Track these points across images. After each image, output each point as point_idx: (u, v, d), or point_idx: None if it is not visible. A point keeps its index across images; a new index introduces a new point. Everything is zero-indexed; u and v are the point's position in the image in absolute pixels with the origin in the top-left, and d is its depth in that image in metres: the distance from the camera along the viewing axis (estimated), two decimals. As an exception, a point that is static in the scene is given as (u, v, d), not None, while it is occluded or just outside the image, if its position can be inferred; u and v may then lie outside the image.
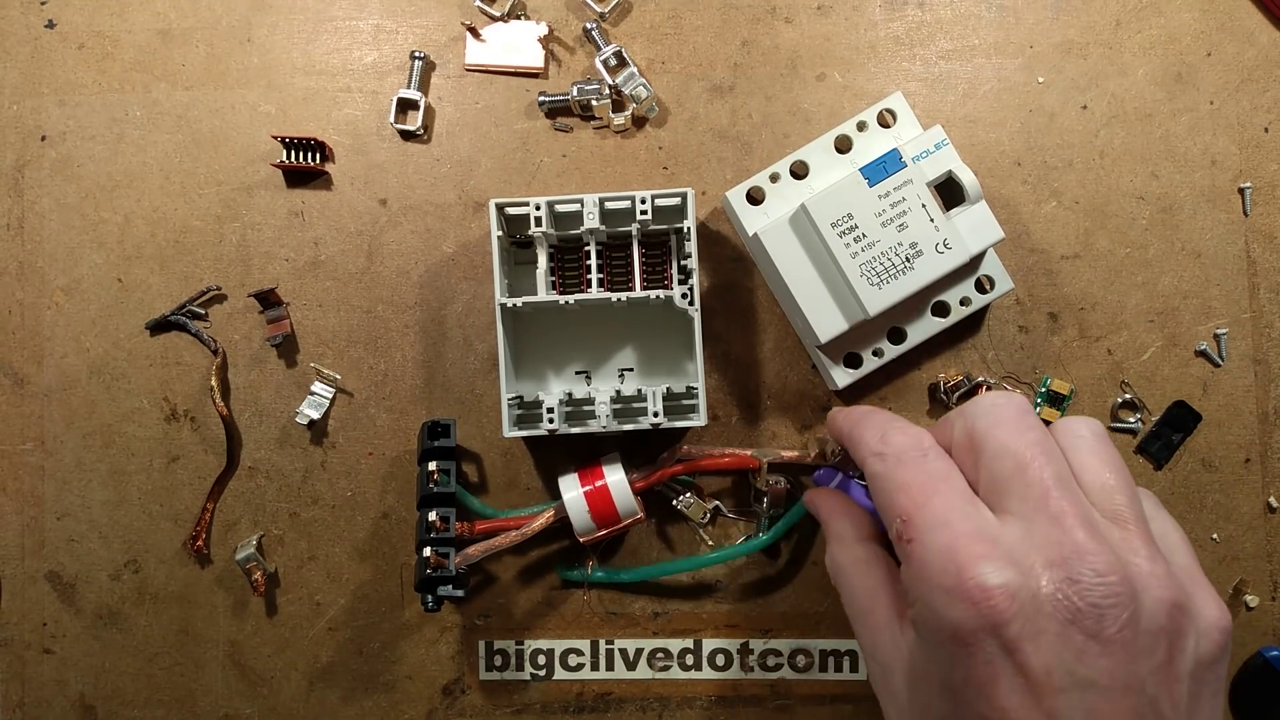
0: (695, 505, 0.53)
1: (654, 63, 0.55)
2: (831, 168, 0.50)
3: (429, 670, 0.54)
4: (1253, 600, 0.53)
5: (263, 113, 0.55)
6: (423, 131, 0.55)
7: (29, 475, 0.55)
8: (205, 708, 0.54)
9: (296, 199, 0.55)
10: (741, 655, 0.54)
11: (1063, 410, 0.37)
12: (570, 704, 0.54)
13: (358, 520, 0.54)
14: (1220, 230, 0.54)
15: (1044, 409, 0.39)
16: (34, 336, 0.55)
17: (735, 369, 0.54)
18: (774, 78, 0.54)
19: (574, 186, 0.55)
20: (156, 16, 0.55)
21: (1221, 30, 0.54)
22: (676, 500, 0.53)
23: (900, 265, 0.48)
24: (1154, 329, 0.54)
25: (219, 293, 0.55)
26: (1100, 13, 0.54)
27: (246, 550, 0.53)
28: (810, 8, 0.55)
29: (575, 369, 0.54)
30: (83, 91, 0.55)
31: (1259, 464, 0.54)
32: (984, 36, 0.55)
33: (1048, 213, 0.54)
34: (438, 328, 0.55)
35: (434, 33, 0.55)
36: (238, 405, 0.55)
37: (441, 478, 0.50)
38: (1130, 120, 0.54)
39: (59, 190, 0.55)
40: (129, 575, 0.55)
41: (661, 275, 0.52)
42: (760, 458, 0.51)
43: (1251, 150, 0.54)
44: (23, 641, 0.55)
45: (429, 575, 0.49)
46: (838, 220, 0.47)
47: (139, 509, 0.55)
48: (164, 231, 0.55)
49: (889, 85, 0.54)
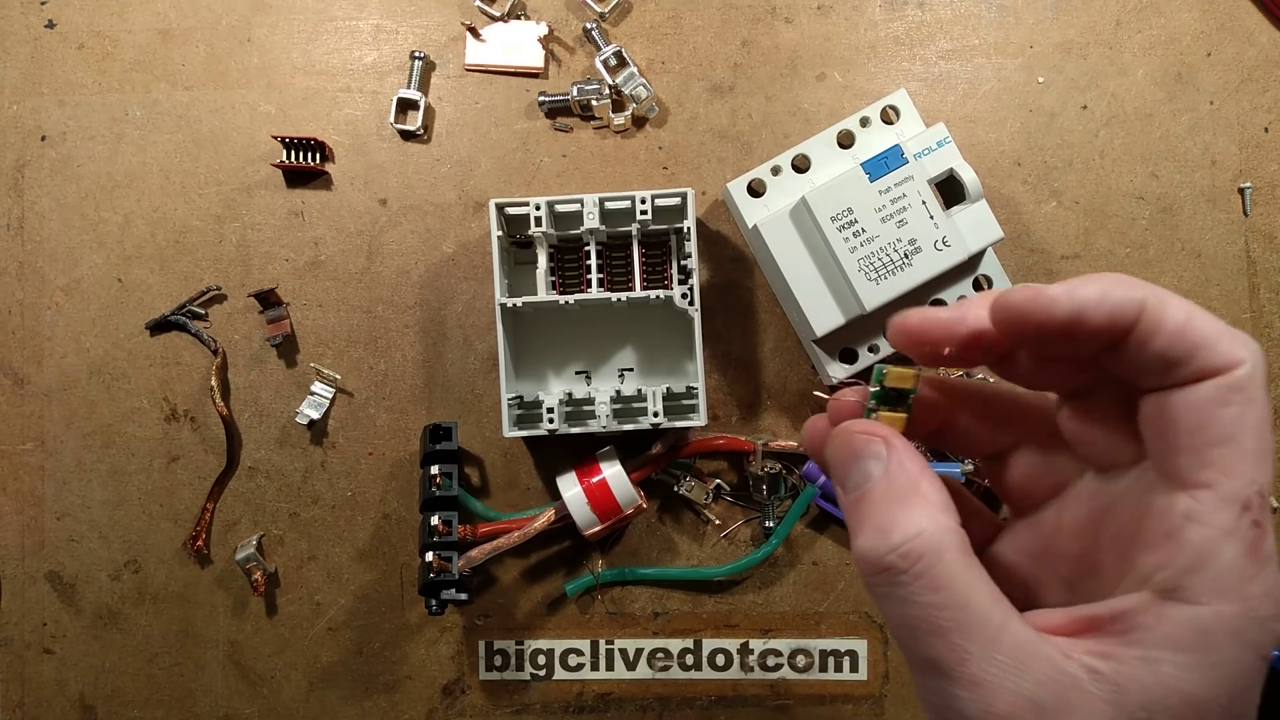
0: (697, 487, 0.53)
1: (654, 63, 0.55)
2: (833, 162, 0.50)
3: (429, 670, 0.54)
4: (1253, 600, 0.53)
5: (263, 113, 0.55)
6: (423, 131, 0.55)
7: (29, 475, 0.55)
8: (205, 708, 0.54)
9: (296, 199, 0.55)
10: (741, 655, 0.54)
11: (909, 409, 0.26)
12: (570, 704, 0.54)
13: (358, 520, 0.54)
14: (1220, 230, 0.54)
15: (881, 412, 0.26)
16: (34, 336, 0.55)
17: (735, 369, 0.54)
18: (774, 78, 0.54)
19: (574, 186, 0.55)
20: (156, 16, 0.55)
21: (1221, 30, 0.54)
22: (678, 485, 0.53)
23: (899, 261, 0.48)
24: (1154, 329, 0.54)
25: (219, 293, 0.55)
26: (1100, 13, 0.54)
27: (246, 550, 0.53)
28: (810, 8, 0.55)
29: (575, 369, 0.54)
30: (83, 91, 0.55)
31: (1259, 464, 0.54)
32: (984, 36, 0.55)
33: (1048, 213, 0.54)
34: (438, 328, 0.55)
35: (434, 33, 0.55)
36: (238, 405, 0.55)
37: (444, 481, 0.50)
38: (1130, 120, 0.54)
39: (59, 190, 0.55)
40: (129, 575, 0.55)
41: (661, 275, 0.52)
42: (755, 441, 0.52)
43: (1251, 150, 0.54)
44: (23, 641, 0.55)
45: (432, 579, 0.49)
46: (838, 214, 0.48)
47: (139, 509, 0.54)
48: (164, 231, 0.55)
49: (889, 85, 0.54)
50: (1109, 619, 0.22)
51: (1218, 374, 0.21)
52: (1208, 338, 0.22)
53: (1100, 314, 0.22)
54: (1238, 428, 0.21)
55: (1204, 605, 0.21)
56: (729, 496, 0.54)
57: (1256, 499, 0.21)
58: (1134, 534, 0.22)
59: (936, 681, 0.22)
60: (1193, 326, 0.22)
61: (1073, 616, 0.22)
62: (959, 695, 0.21)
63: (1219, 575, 0.21)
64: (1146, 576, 0.21)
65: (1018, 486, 0.27)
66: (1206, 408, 0.21)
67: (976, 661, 0.21)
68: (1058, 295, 0.22)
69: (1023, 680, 0.21)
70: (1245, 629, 0.21)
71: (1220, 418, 0.21)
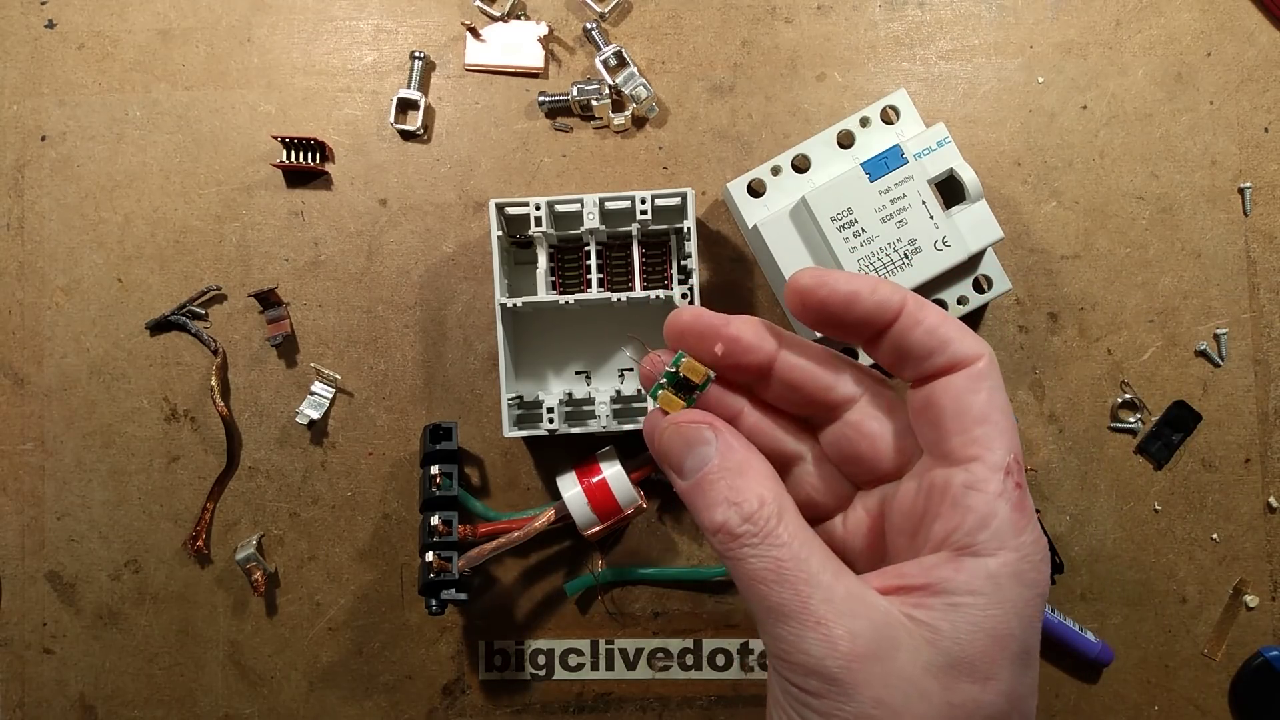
0: None
1: (654, 63, 0.55)
2: (833, 162, 0.50)
3: (429, 670, 0.54)
4: (1253, 600, 0.53)
5: (263, 113, 0.55)
6: (423, 131, 0.55)
7: (29, 475, 0.55)
8: (205, 708, 0.54)
9: (296, 199, 0.55)
10: (741, 655, 0.54)
11: (691, 401, 0.29)
12: (570, 704, 0.54)
13: (358, 520, 0.54)
14: (1220, 230, 0.54)
15: (663, 393, 0.29)
16: (34, 336, 0.55)
17: (735, 369, 0.54)
18: (774, 78, 0.54)
19: (574, 186, 0.55)
20: (156, 16, 0.55)
21: (1221, 30, 0.54)
22: None
23: (898, 261, 0.48)
24: (1154, 329, 0.54)
25: (219, 293, 0.55)
26: (1100, 13, 0.54)
27: (246, 550, 0.53)
28: (810, 8, 0.55)
29: (575, 369, 0.54)
30: (83, 91, 0.55)
31: (1259, 464, 0.54)
32: (984, 36, 0.55)
33: (1048, 213, 0.54)
34: (438, 328, 0.55)
35: (434, 33, 0.55)
36: (238, 405, 0.55)
37: (444, 481, 0.50)
38: (1130, 120, 0.54)
39: (59, 190, 0.55)
40: (129, 575, 0.55)
41: (661, 275, 0.52)
42: None
43: (1251, 150, 0.54)
44: (23, 641, 0.55)
45: (432, 579, 0.49)
46: (838, 214, 0.48)
47: (139, 509, 0.54)
48: (164, 231, 0.55)
49: (889, 85, 0.54)
50: (915, 575, 0.26)
51: (965, 365, 0.27)
52: (954, 335, 0.27)
53: (870, 300, 0.27)
54: (990, 408, 0.26)
55: (990, 556, 0.25)
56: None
57: (1014, 465, 0.26)
58: (923, 511, 0.27)
59: (784, 627, 0.25)
60: (943, 325, 0.27)
61: (887, 576, 0.27)
62: (805, 636, 0.25)
63: (998, 530, 0.25)
64: (942, 539, 0.26)
65: (805, 501, 0.31)
66: (963, 394, 0.26)
67: (819, 603, 0.25)
68: (839, 279, 0.27)
69: (857, 620, 0.25)
70: (1024, 571, 0.25)
71: (975, 401, 0.26)
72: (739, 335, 0.29)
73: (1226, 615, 0.54)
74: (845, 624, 0.25)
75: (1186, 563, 0.54)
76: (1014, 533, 0.25)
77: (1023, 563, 0.25)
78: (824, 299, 0.27)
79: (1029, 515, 0.26)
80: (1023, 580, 0.25)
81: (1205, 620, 0.54)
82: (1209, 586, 0.54)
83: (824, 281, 0.27)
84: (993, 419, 0.26)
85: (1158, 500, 0.54)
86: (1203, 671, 0.54)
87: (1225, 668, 0.54)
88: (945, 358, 0.27)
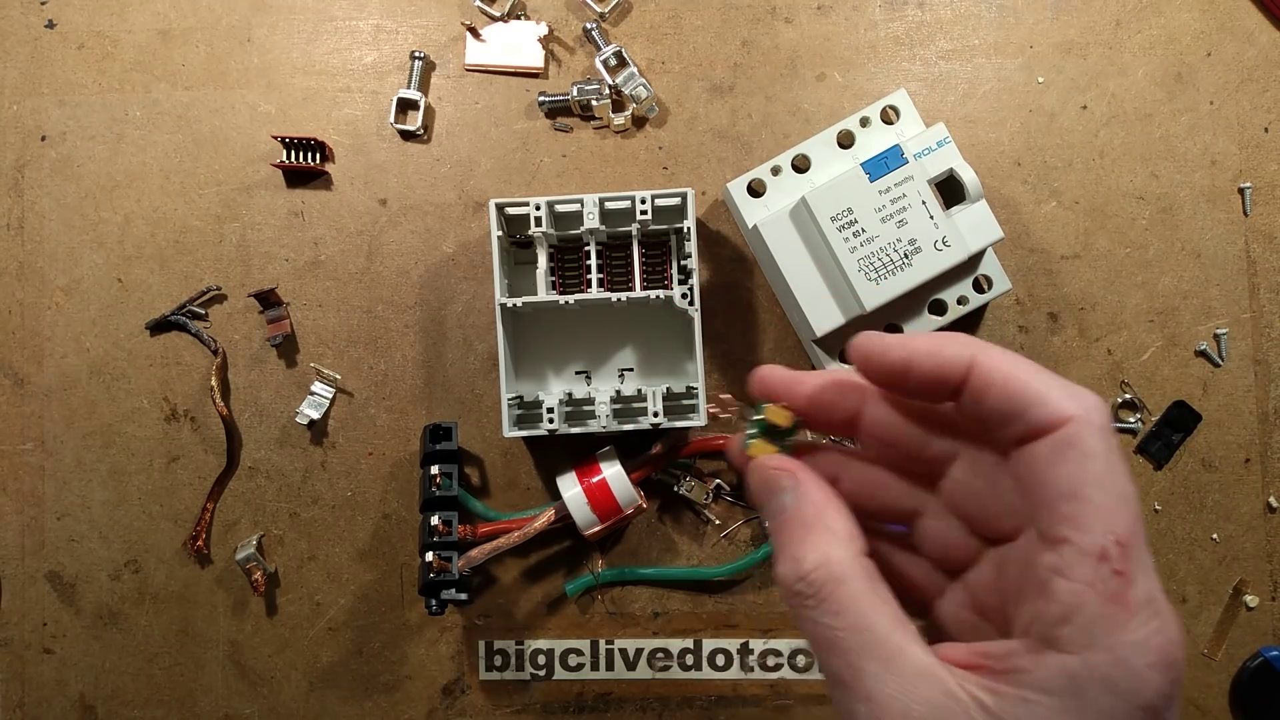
0: (697, 487, 0.53)
1: (654, 63, 0.55)
2: (833, 162, 0.50)
3: (429, 670, 0.54)
4: (1253, 600, 0.53)
5: (263, 113, 0.55)
6: (423, 131, 0.55)
7: (29, 475, 0.55)
8: (205, 708, 0.54)
9: (296, 199, 0.55)
10: (741, 655, 0.54)
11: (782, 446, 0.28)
12: (570, 704, 0.54)
13: (358, 520, 0.54)
14: (1220, 230, 0.54)
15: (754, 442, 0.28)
16: (34, 336, 0.55)
17: (735, 369, 0.54)
18: (774, 78, 0.55)
19: (574, 186, 0.55)
20: (156, 16, 0.55)
21: (1221, 30, 0.54)
22: (678, 485, 0.53)
23: (899, 261, 0.48)
24: (1154, 329, 0.54)
25: (219, 293, 0.55)
26: (1100, 13, 0.54)
27: (246, 550, 0.53)
28: (810, 8, 0.55)
29: (575, 369, 0.54)
30: (83, 91, 0.55)
31: (1259, 464, 0.54)
32: (984, 36, 0.55)
33: (1048, 213, 0.54)
34: (438, 328, 0.55)
35: (434, 33, 0.55)
36: (238, 405, 0.55)
37: (444, 481, 0.50)
38: (1130, 120, 0.54)
39: (59, 190, 0.55)
40: (129, 575, 0.55)
41: (661, 275, 0.52)
42: None
43: (1251, 150, 0.54)
44: (23, 641, 0.55)
45: (432, 579, 0.49)
46: (838, 214, 0.48)
47: (139, 509, 0.54)
48: (164, 231, 0.55)
49: (889, 85, 0.54)
50: (998, 657, 0.23)
51: (1050, 430, 0.23)
52: (1038, 395, 0.23)
53: (928, 364, 0.24)
54: (1081, 481, 0.22)
55: (1073, 655, 0.22)
56: (729, 496, 0.54)
57: (1114, 549, 0.22)
58: (1020, 587, 0.24)
59: (840, 692, 0.24)
60: (1024, 385, 0.23)
61: (972, 651, 0.24)
62: (857, 708, 0.23)
63: (1085, 625, 0.22)
64: (1027, 625, 0.23)
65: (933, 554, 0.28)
66: (1047, 467, 0.23)
67: (871, 678, 0.23)
68: (892, 343, 0.25)
69: (912, 700, 0.22)
70: (1117, 678, 0.21)
71: (1062, 475, 0.23)
72: (815, 393, 0.27)
73: (1226, 615, 0.54)
74: (899, 702, 0.23)
75: (1186, 563, 0.54)
76: (1108, 630, 0.21)
77: (1117, 667, 0.21)
78: (880, 367, 0.25)
79: (1133, 611, 0.22)
80: (1115, 689, 0.21)
81: (1205, 620, 0.54)
82: (1209, 586, 0.54)
83: (876, 348, 0.25)
84: (1085, 494, 0.22)
85: (1158, 500, 0.54)
86: (1203, 671, 0.54)
87: (1225, 668, 0.54)
88: (1024, 424, 0.23)
